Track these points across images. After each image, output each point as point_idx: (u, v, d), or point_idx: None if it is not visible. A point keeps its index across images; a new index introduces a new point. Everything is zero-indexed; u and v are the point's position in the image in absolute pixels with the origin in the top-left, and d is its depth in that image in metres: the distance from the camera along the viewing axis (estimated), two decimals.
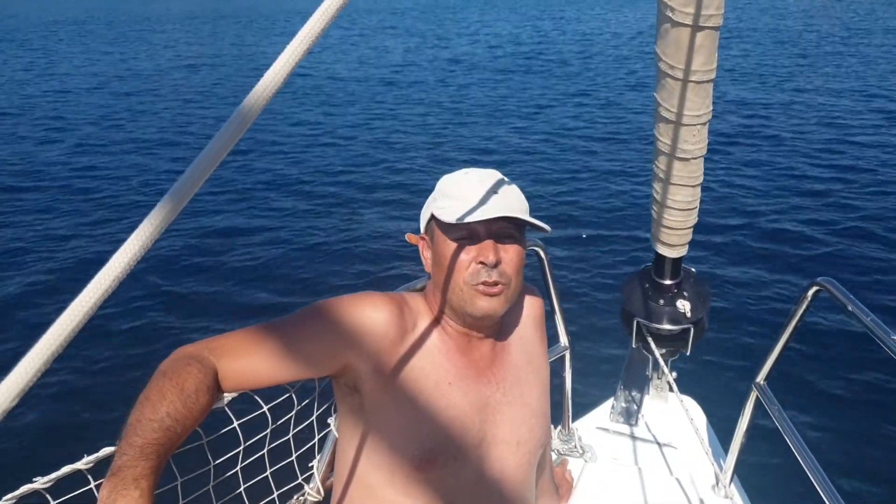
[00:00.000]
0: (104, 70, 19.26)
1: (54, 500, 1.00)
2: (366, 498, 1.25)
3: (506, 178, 1.29)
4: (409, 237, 1.37)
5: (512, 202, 1.24)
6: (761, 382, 1.95)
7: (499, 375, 1.32)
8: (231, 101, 14.47)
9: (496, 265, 1.21)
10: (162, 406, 1.00)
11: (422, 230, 1.34)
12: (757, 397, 1.95)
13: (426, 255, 1.31)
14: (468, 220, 1.18)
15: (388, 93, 14.89)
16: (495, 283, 1.21)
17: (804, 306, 1.75)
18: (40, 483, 0.99)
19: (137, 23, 34.26)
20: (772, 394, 1.90)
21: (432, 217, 1.27)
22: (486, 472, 1.28)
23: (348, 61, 19.79)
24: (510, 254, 1.23)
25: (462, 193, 1.23)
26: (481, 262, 1.20)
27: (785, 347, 1.86)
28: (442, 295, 1.26)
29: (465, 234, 1.22)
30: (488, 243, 1.21)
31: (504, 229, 1.23)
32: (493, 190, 1.23)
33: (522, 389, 1.35)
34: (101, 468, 0.99)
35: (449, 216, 1.20)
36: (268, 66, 0.58)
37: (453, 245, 1.22)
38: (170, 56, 22.25)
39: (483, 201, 1.21)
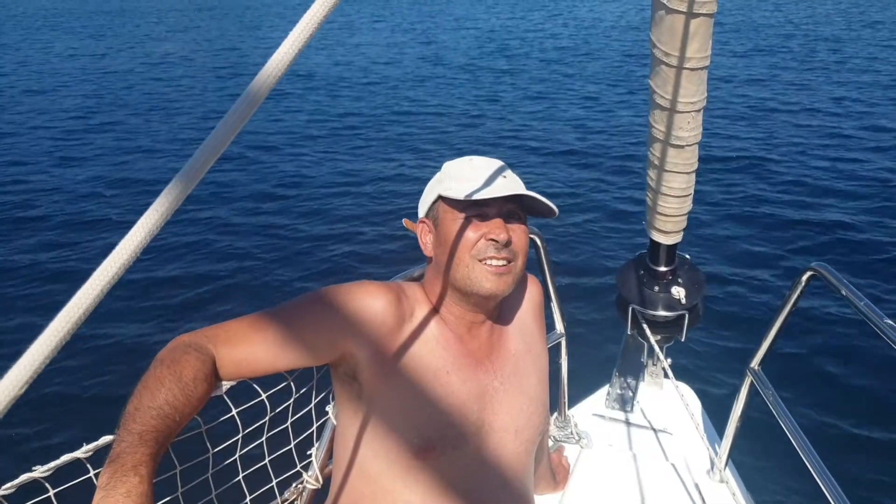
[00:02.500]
0: (102, 61, 19.11)
1: (53, 488, 1.00)
2: (364, 486, 1.26)
3: (506, 165, 1.31)
4: (407, 222, 1.36)
5: (520, 185, 1.27)
6: (756, 368, 1.96)
7: (497, 364, 1.33)
8: (235, 87, 14.39)
9: (507, 244, 1.22)
10: (160, 394, 1.01)
11: (421, 215, 1.33)
12: (751, 382, 1.96)
13: (426, 239, 1.31)
14: (480, 196, 1.19)
15: (377, 87, 14.81)
16: (504, 261, 1.22)
17: (798, 291, 1.76)
18: (39, 472, 0.99)
19: (141, 15, 33.97)
20: (766, 379, 1.91)
21: (439, 198, 1.27)
22: (484, 459, 1.29)
23: (336, 54, 19.68)
24: (518, 234, 1.25)
25: (471, 175, 1.25)
26: (491, 239, 1.21)
27: (779, 332, 1.87)
28: (444, 276, 1.26)
29: (475, 212, 1.23)
30: (498, 221, 1.22)
31: (513, 210, 1.25)
32: (501, 174, 1.26)
33: (520, 378, 1.35)
34: (100, 457, 0.99)
35: (461, 194, 1.21)
36: (273, 51, 0.58)
37: (461, 222, 1.23)
38: (171, 45, 22.09)
39: (493, 182, 1.23)
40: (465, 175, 1.25)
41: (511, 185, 1.25)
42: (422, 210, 1.34)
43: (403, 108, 12.46)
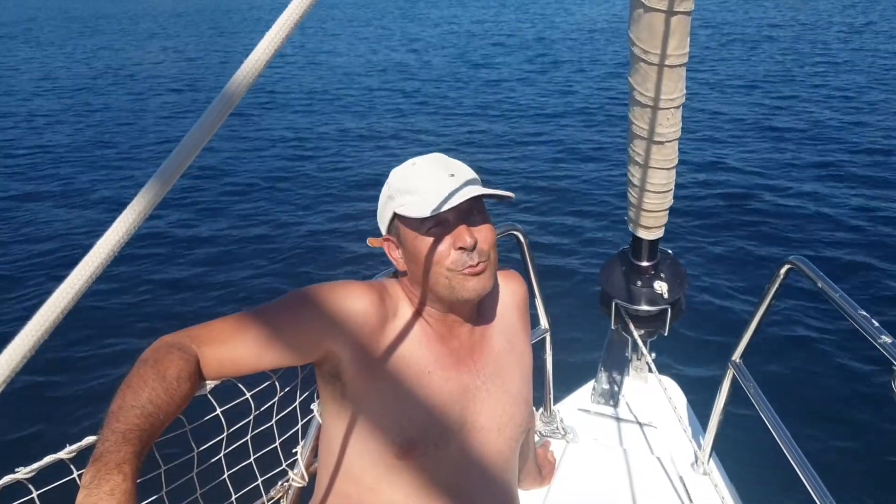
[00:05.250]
0: (81, 65, 18.92)
1: (37, 489, 1.00)
2: (349, 484, 1.26)
3: (449, 158, 1.28)
4: (371, 242, 1.33)
5: (470, 181, 1.23)
6: (737, 360, 1.98)
7: (479, 363, 1.33)
8: (212, 89, 14.30)
9: (475, 247, 1.20)
10: (143, 392, 1.01)
11: (384, 232, 1.31)
12: (733, 375, 1.98)
13: (395, 254, 1.29)
14: (435, 211, 1.16)
15: (360, 84, 14.81)
16: (479, 262, 1.21)
17: (777, 284, 1.78)
18: (22, 473, 0.98)
19: (117, 21, 33.62)
20: (747, 371, 1.94)
21: (395, 216, 1.25)
22: (467, 458, 1.30)
23: (315, 54, 19.62)
24: (484, 232, 1.23)
25: (418, 186, 1.21)
26: (460, 248, 1.19)
27: (759, 325, 1.90)
28: (423, 287, 1.25)
29: (435, 224, 1.20)
30: (462, 228, 1.20)
31: (470, 208, 1.22)
32: (448, 174, 1.22)
33: (503, 376, 1.36)
34: (83, 457, 0.99)
35: (415, 211, 1.18)
36: (247, 55, 0.58)
37: (426, 238, 1.20)
38: (150, 49, 21.93)
39: (443, 188, 1.19)
40: (413, 185, 1.22)
41: (462, 185, 1.21)
42: (381, 227, 1.31)
43: (384, 108, 12.45)
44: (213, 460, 1.25)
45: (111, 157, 9.99)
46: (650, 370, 2.39)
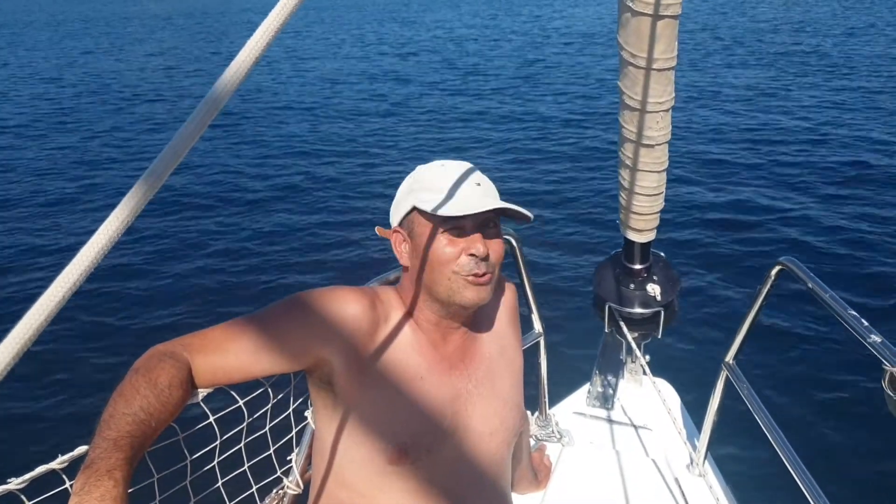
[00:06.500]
0: (67, 69, 18.89)
1: (29, 500, 0.99)
2: (342, 491, 1.26)
3: (478, 170, 1.30)
4: (380, 230, 1.34)
5: (494, 193, 1.26)
6: (730, 362, 1.99)
7: (470, 368, 1.33)
8: (200, 93, 14.26)
9: (486, 257, 1.21)
10: (135, 400, 1.00)
11: (394, 223, 1.31)
12: (727, 376, 1.99)
13: (402, 248, 1.29)
14: (459, 213, 1.18)
15: (350, 89, 14.83)
16: (484, 274, 1.22)
17: (768, 285, 1.80)
18: (14, 484, 0.98)
19: (106, 23, 33.58)
20: (741, 372, 1.95)
21: (413, 209, 1.25)
22: (459, 462, 1.30)
23: (303, 60, 19.64)
24: (495, 245, 1.24)
25: (444, 185, 1.23)
26: (471, 255, 1.20)
27: (752, 326, 1.91)
28: (423, 286, 1.25)
29: (452, 225, 1.21)
30: (477, 236, 1.22)
31: (488, 220, 1.24)
32: (475, 182, 1.24)
33: (494, 381, 1.36)
34: (75, 467, 0.98)
35: (438, 209, 1.19)
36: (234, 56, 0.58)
37: (440, 238, 1.21)
38: (137, 53, 21.92)
39: (468, 193, 1.22)
40: (439, 184, 1.23)
41: (487, 196, 1.24)
42: (395, 218, 1.31)
43: (372, 112, 12.46)
44: (206, 468, 1.25)
45: (96, 161, 9.97)
46: (644, 373, 2.40)
